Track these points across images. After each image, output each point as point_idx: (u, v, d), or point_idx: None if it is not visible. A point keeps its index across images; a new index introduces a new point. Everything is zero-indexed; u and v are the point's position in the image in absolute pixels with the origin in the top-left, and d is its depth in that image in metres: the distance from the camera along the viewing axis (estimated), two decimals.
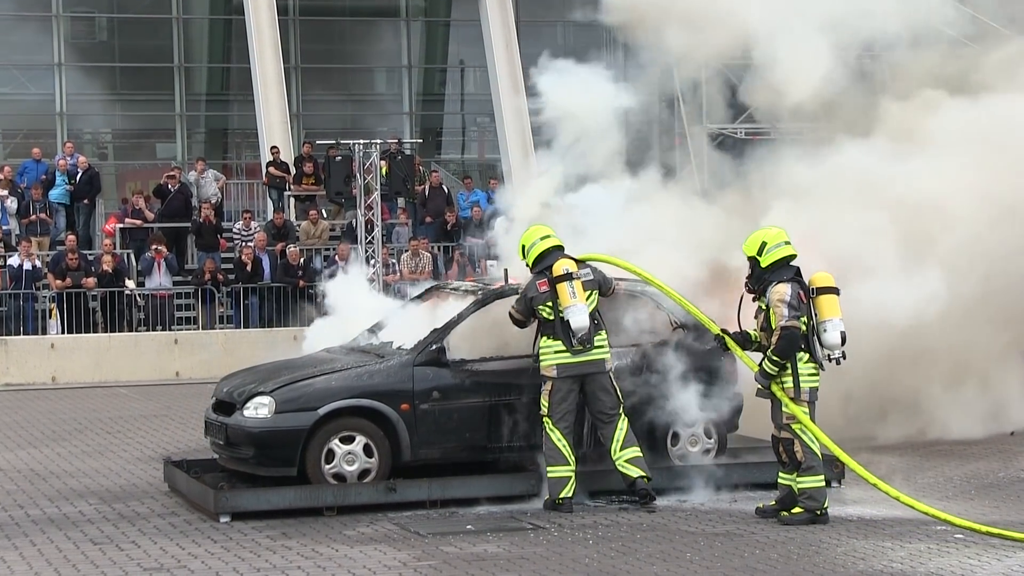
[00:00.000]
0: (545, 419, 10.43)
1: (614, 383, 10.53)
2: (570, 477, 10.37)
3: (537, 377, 10.62)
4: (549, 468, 10.40)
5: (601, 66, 13.37)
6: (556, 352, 10.36)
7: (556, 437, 10.37)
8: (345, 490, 10.39)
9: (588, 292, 10.44)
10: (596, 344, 10.41)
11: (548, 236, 10.63)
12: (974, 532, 9.49)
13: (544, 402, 10.44)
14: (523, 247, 10.65)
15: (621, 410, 10.52)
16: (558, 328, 10.31)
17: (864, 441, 12.56)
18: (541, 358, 10.44)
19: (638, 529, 9.80)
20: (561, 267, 10.39)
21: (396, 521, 10.06)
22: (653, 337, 11.25)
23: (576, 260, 10.57)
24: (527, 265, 10.68)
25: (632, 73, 14.64)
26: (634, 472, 10.43)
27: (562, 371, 10.37)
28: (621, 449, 10.44)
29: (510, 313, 10.66)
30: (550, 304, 10.35)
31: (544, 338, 10.43)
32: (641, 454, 10.52)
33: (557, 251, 10.58)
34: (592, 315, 10.38)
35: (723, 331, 10.41)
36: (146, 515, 10.49)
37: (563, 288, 10.30)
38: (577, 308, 10.24)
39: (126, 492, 11.48)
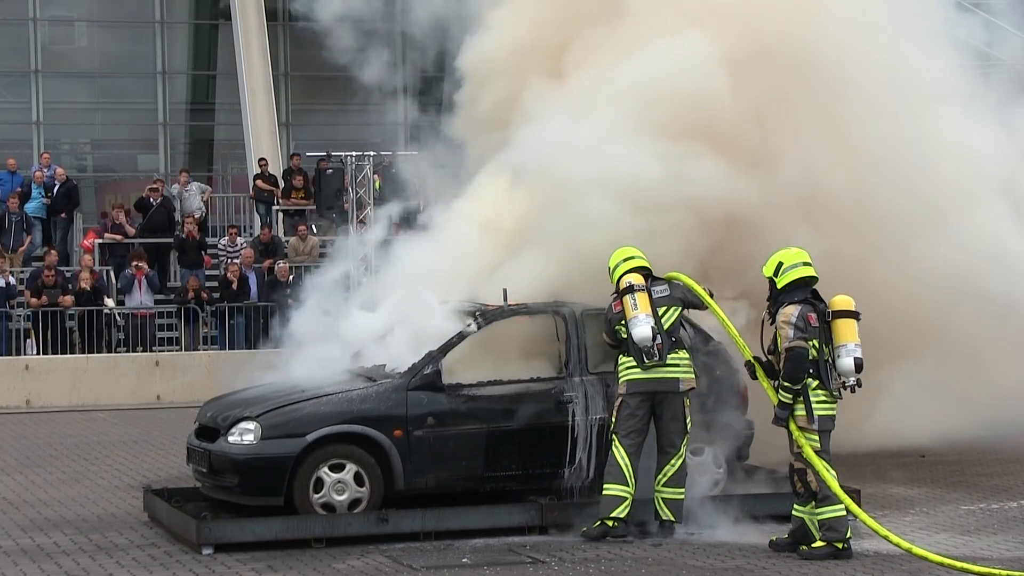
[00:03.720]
0: (612, 435, 10.25)
1: (686, 410, 10.27)
2: (627, 499, 10.12)
3: (543, 401, 10.60)
4: (606, 485, 10.17)
5: None
6: (628, 368, 10.24)
7: (620, 454, 10.16)
8: (334, 521, 10.11)
9: (665, 308, 10.29)
10: (670, 361, 10.21)
11: (631, 258, 10.49)
12: None
13: (612, 418, 10.29)
14: (609, 269, 10.56)
15: (683, 443, 10.28)
16: (631, 345, 10.22)
17: None
18: (618, 375, 10.33)
19: (643, 564, 9.47)
20: (624, 281, 10.31)
21: (388, 553, 9.75)
22: None
23: (654, 277, 10.46)
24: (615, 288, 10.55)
25: None
26: (666, 515, 10.26)
27: (631, 387, 10.21)
28: (665, 485, 10.26)
29: (604, 339, 10.55)
30: (623, 322, 10.25)
31: (621, 356, 10.34)
32: (683, 497, 10.30)
33: (640, 272, 10.44)
34: (670, 331, 10.24)
35: (755, 358, 10.14)
36: (125, 546, 10.21)
37: (625, 301, 10.24)
38: (638, 319, 10.12)
39: (103, 522, 11.20)
